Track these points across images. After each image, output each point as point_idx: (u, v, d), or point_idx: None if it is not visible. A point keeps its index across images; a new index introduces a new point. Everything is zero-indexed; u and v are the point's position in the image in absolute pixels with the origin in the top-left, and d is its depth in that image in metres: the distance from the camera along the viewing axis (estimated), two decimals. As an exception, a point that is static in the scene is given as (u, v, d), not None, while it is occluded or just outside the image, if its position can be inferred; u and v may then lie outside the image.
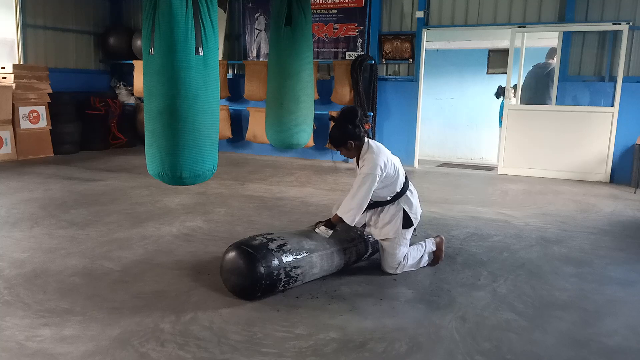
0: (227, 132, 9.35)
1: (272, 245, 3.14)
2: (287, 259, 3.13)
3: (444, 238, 3.84)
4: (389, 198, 3.50)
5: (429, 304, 3.13)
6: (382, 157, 3.41)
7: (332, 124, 3.53)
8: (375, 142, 3.53)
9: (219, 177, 6.81)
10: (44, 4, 9.28)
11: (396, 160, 3.55)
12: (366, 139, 3.49)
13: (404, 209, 3.50)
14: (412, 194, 3.60)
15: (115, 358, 2.43)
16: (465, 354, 2.55)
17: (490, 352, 2.58)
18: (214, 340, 2.62)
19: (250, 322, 2.82)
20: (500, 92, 9.17)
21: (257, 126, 8.85)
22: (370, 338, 2.68)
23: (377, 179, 3.35)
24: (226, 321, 2.83)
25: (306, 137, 5.01)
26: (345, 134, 3.42)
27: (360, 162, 3.47)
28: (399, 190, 3.50)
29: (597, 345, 2.67)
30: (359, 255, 3.65)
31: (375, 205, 3.54)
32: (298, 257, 3.19)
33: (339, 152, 3.52)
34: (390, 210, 3.52)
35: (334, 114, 3.52)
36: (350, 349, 2.57)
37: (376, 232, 3.57)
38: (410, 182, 3.64)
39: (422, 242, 3.69)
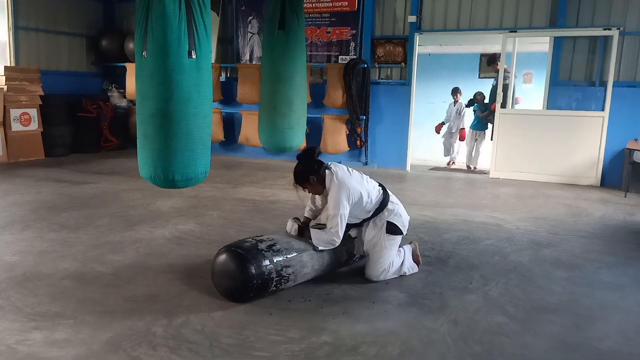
0: (220, 135, 9.35)
1: (262, 246, 3.15)
2: (278, 258, 3.14)
3: (417, 244, 3.86)
4: (368, 216, 3.51)
5: (421, 308, 3.14)
6: (344, 191, 3.34)
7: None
8: (341, 169, 3.47)
9: (211, 180, 6.80)
10: (36, 6, 9.24)
11: (363, 185, 3.46)
12: (328, 170, 3.43)
13: (387, 221, 3.50)
14: (395, 205, 3.57)
15: (106, 362, 2.43)
16: (457, 357, 2.56)
17: (481, 355, 2.59)
18: (206, 344, 2.62)
19: (242, 326, 2.82)
20: (471, 102, 9.55)
21: (249, 129, 8.85)
22: (363, 341, 2.68)
23: (346, 212, 3.34)
24: (218, 324, 2.83)
25: (299, 140, 5.01)
26: (304, 170, 3.46)
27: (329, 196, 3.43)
28: (374, 210, 3.50)
29: (588, 349, 2.69)
30: (349, 254, 3.66)
31: (358, 225, 3.57)
32: (288, 256, 3.20)
33: (306, 190, 3.54)
34: (372, 226, 3.52)
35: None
36: (342, 353, 2.57)
37: (367, 246, 3.56)
38: (391, 195, 3.62)
39: (400, 249, 3.66)
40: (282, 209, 5.54)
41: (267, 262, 3.08)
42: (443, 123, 9.82)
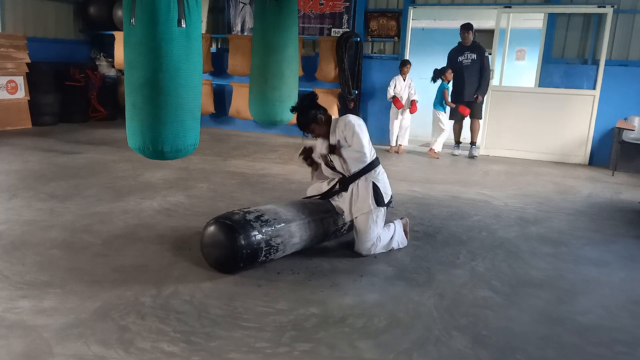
0: (210, 107, 9.26)
1: (250, 217, 3.17)
2: (266, 229, 3.16)
3: (408, 220, 3.89)
4: (361, 167, 3.52)
5: (409, 281, 3.17)
6: (358, 123, 3.53)
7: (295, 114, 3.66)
8: None
9: (201, 152, 6.76)
10: (22, -29, 9.01)
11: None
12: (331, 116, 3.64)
13: (373, 182, 3.52)
14: (382, 172, 3.63)
15: (95, 330, 2.44)
16: (442, 329, 2.60)
17: (466, 328, 2.63)
18: (195, 314, 2.64)
19: (231, 297, 2.84)
20: (436, 76, 7.97)
21: (240, 102, 8.77)
22: (350, 313, 2.72)
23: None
24: (207, 295, 2.84)
25: (289, 113, 4.96)
26: (311, 112, 3.55)
27: (338, 130, 3.53)
28: (370, 161, 3.53)
29: (571, 323, 2.74)
30: (337, 225, 3.67)
31: (348, 180, 3.57)
32: (277, 226, 3.22)
33: (310, 134, 3.64)
34: (361, 184, 3.54)
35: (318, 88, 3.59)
36: (329, 324, 2.60)
37: (353, 209, 3.55)
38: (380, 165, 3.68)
39: (390, 224, 3.69)
40: (272, 183, 5.53)
41: (255, 232, 3.10)
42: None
